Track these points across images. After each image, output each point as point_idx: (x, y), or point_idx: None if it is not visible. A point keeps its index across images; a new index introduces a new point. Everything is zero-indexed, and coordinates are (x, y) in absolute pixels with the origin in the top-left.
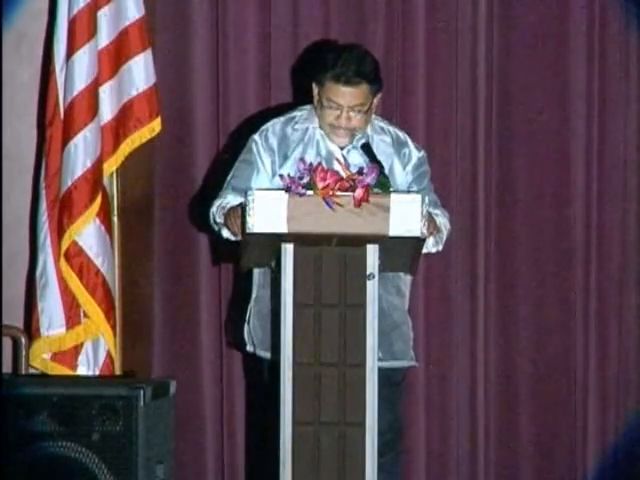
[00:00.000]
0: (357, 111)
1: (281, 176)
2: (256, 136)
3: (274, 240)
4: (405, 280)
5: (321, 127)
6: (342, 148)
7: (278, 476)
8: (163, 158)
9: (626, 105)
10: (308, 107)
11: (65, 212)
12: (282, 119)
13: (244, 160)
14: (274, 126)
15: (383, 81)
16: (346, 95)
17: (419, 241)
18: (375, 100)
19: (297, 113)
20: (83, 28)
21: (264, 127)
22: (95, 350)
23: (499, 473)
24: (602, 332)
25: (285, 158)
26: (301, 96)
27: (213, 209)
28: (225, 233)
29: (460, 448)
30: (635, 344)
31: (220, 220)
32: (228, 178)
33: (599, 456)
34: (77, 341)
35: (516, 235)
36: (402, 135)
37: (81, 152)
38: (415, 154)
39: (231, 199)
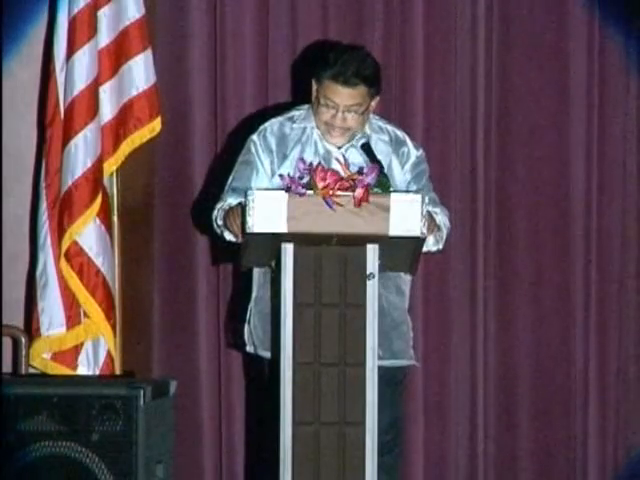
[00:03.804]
0: (353, 112)
1: (281, 176)
2: (254, 136)
3: (274, 240)
4: (405, 279)
5: (318, 126)
6: (339, 147)
7: (278, 476)
8: (163, 158)
9: (626, 105)
10: (306, 106)
11: (65, 212)
12: (280, 119)
13: (243, 161)
14: (272, 126)
15: (382, 85)
16: (343, 95)
17: (419, 241)
18: (373, 103)
19: (295, 112)
20: (83, 28)
21: (262, 127)
22: (95, 350)
23: (498, 474)
24: (602, 332)
25: (284, 158)
26: (300, 96)
27: (215, 212)
28: (227, 236)
29: (459, 449)
30: (635, 343)
31: (221, 223)
32: (228, 181)
33: (599, 455)
34: (77, 341)
35: (516, 235)
36: (400, 134)
37: (81, 152)
38: (414, 153)
39: (232, 201)
